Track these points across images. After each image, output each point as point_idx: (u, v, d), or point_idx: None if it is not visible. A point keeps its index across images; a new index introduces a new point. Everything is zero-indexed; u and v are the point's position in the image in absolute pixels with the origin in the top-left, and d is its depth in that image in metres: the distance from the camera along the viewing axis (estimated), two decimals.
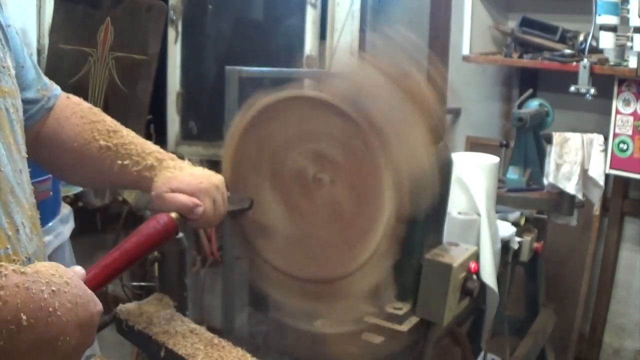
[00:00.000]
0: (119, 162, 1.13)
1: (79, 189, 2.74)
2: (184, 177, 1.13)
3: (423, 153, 1.13)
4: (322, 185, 1.20)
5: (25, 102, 1.10)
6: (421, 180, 1.12)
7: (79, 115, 1.17)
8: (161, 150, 1.18)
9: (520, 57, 2.65)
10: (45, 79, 1.19)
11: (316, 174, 1.20)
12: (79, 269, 0.86)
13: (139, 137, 1.18)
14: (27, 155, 1.04)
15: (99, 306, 0.81)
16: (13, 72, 1.03)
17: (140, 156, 1.14)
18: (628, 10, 2.25)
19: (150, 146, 1.17)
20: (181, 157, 1.24)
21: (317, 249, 1.22)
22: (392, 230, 1.13)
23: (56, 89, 1.20)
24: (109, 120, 1.18)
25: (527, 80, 2.85)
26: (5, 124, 0.97)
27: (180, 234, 1.36)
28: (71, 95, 1.22)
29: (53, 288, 0.74)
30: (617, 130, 2.50)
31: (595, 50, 2.47)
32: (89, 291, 0.81)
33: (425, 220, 1.36)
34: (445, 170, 1.44)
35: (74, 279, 0.79)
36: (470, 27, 2.73)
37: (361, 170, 1.15)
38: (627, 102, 2.48)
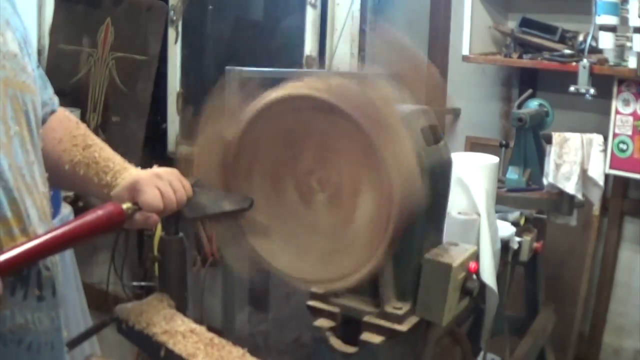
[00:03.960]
0: (87, 174, 1.20)
1: None
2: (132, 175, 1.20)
3: (413, 153, 1.13)
4: (321, 185, 1.20)
5: None
6: (416, 179, 1.12)
7: (62, 127, 1.24)
8: (125, 164, 1.24)
9: (520, 57, 2.65)
10: (50, 91, 1.27)
11: (316, 174, 1.20)
12: None
13: (108, 152, 1.25)
14: (40, 151, 1.11)
15: None
16: (32, 74, 1.11)
17: (103, 171, 1.21)
18: (628, 11, 2.25)
19: (115, 160, 1.24)
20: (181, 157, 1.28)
21: (317, 251, 1.22)
22: (392, 230, 1.13)
23: (54, 104, 1.28)
24: (88, 136, 1.25)
25: (526, 81, 2.85)
26: (21, 117, 1.05)
27: (180, 234, 1.36)
28: (61, 110, 1.29)
29: None
30: (616, 131, 2.50)
31: (594, 50, 2.47)
32: None
33: (425, 220, 1.36)
34: (445, 170, 1.44)
35: None
36: (470, 28, 2.73)
37: (361, 170, 1.15)
38: (626, 102, 2.48)
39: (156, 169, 1.21)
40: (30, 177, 1.05)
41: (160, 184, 1.17)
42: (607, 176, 2.47)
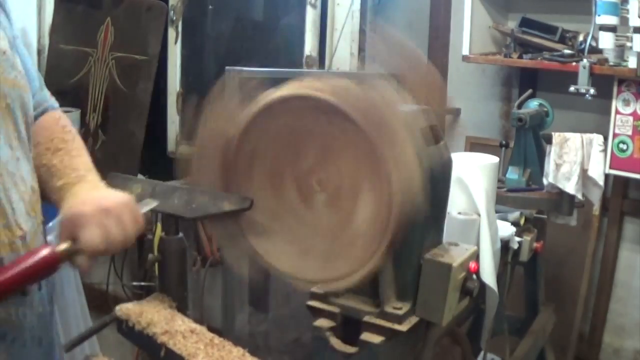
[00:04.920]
0: (42, 178, 1.16)
1: None
2: (80, 199, 1.08)
3: (414, 155, 1.13)
4: (322, 186, 1.20)
5: None
6: (416, 180, 1.12)
7: (45, 130, 1.22)
8: (90, 169, 1.17)
9: (520, 57, 2.65)
10: (46, 93, 1.28)
11: (316, 174, 1.20)
12: None
13: (75, 160, 1.17)
14: (30, 147, 1.12)
15: None
16: (22, 71, 1.12)
17: (57, 176, 1.14)
18: (628, 11, 2.25)
19: (80, 165, 1.16)
20: (181, 157, 1.27)
21: (317, 251, 1.22)
22: (392, 230, 1.13)
23: (50, 105, 1.28)
24: (66, 141, 1.20)
25: (526, 81, 2.85)
26: (7, 113, 1.05)
27: (180, 234, 1.36)
28: (53, 112, 1.28)
29: None
30: (616, 131, 2.50)
31: (595, 50, 2.47)
32: None
33: (424, 220, 1.36)
34: (445, 170, 1.44)
35: None
36: (470, 27, 2.73)
37: (361, 170, 1.15)
38: (626, 102, 2.48)
39: (106, 202, 1.06)
40: (16, 171, 1.05)
41: (106, 222, 1.03)
42: (607, 176, 2.47)
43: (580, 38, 2.52)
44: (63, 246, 1.00)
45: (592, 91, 2.39)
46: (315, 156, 1.20)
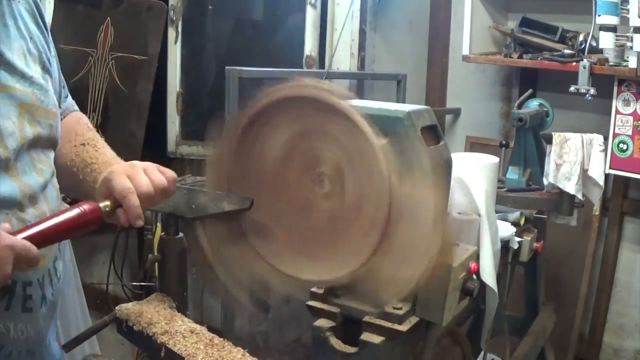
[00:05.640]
0: (77, 174, 1.19)
1: None
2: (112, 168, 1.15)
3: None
4: (322, 185, 1.20)
5: None
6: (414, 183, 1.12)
7: (66, 129, 1.24)
8: (110, 161, 1.21)
9: (520, 57, 2.65)
10: (70, 100, 1.32)
11: (316, 173, 1.20)
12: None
13: (100, 151, 1.23)
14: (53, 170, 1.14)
15: (5, 240, 0.86)
16: (53, 95, 1.13)
17: (90, 169, 1.19)
18: (628, 11, 2.25)
19: (109, 155, 1.22)
20: (181, 157, 1.28)
21: (317, 251, 1.22)
22: (391, 230, 1.13)
23: (75, 109, 1.32)
24: (87, 136, 1.25)
25: (527, 80, 2.85)
26: (48, 145, 1.09)
27: (180, 234, 1.36)
28: (75, 113, 1.32)
29: None
30: (617, 130, 2.50)
31: (595, 50, 2.47)
32: None
33: None
34: (445, 170, 1.44)
35: None
36: (470, 27, 2.73)
37: (360, 169, 1.15)
38: (626, 102, 2.48)
39: (132, 163, 1.16)
40: (55, 207, 1.07)
41: (130, 172, 1.10)
42: (607, 176, 2.47)
43: (581, 38, 2.52)
44: (103, 202, 1.05)
45: (592, 91, 2.39)
46: (316, 156, 1.20)
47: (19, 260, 0.87)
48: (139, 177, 1.08)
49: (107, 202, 1.05)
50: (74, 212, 0.99)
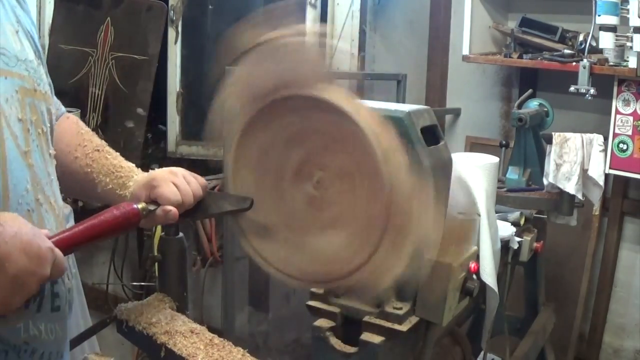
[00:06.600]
0: (97, 180, 1.22)
1: None
2: (147, 173, 1.23)
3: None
4: (322, 185, 1.20)
5: None
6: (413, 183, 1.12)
7: (70, 133, 1.26)
8: (133, 168, 1.27)
9: (520, 57, 2.65)
10: (55, 98, 1.27)
11: (316, 173, 1.20)
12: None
13: (117, 157, 1.27)
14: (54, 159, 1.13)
15: (47, 242, 0.90)
16: (47, 80, 1.13)
17: (115, 175, 1.23)
18: (628, 11, 2.25)
19: (125, 164, 1.26)
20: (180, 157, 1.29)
21: (318, 251, 1.22)
22: (391, 230, 1.13)
23: (60, 108, 1.29)
24: (96, 142, 1.27)
25: (527, 81, 2.85)
26: (41, 127, 1.06)
27: (180, 234, 1.36)
28: (70, 115, 1.32)
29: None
30: (616, 130, 2.50)
31: (595, 50, 2.47)
32: (35, 228, 0.91)
33: None
34: (445, 170, 1.44)
35: (19, 219, 0.90)
36: (470, 27, 2.73)
37: (360, 168, 1.15)
38: (626, 102, 2.48)
39: (171, 169, 1.23)
40: (51, 193, 1.06)
41: (175, 180, 1.18)
42: (607, 176, 2.47)
43: (580, 38, 2.52)
44: (141, 204, 1.11)
45: (592, 91, 2.39)
46: (316, 156, 1.20)
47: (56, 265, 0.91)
48: (184, 187, 1.17)
49: (144, 205, 1.12)
50: (117, 212, 1.04)
